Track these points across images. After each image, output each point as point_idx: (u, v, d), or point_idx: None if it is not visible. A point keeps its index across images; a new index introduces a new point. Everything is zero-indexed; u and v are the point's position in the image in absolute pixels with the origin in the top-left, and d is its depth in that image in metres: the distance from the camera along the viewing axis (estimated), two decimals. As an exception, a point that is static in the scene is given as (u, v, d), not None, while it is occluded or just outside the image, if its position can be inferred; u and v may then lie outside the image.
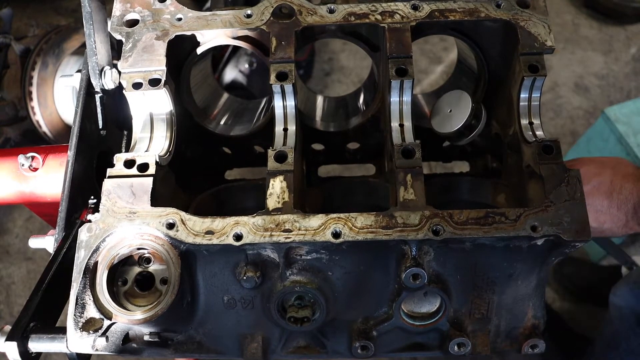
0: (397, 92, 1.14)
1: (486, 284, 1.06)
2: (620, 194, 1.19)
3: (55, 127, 2.66)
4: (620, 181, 1.20)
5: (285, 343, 1.13)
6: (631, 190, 1.19)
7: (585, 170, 1.20)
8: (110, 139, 1.26)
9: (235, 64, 2.82)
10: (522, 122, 1.14)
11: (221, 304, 1.08)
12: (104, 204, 1.04)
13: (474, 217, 0.99)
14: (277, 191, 1.04)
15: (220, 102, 1.47)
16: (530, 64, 1.12)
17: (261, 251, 1.02)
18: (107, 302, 1.00)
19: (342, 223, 1.00)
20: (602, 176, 1.21)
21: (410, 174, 1.05)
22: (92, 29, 1.14)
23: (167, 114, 1.17)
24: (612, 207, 1.20)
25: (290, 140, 1.14)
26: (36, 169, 1.28)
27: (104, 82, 1.17)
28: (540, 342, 1.10)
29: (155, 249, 1.02)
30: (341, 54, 3.70)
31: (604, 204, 1.20)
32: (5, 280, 3.09)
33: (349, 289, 1.07)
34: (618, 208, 1.19)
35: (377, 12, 1.18)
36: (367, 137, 1.39)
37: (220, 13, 1.20)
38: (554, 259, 1.05)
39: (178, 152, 1.19)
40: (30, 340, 0.99)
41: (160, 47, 1.16)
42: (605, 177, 1.21)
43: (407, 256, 1.01)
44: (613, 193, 1.20)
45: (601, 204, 1.20)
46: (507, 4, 1.17)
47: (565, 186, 1.01)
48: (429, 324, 1.08)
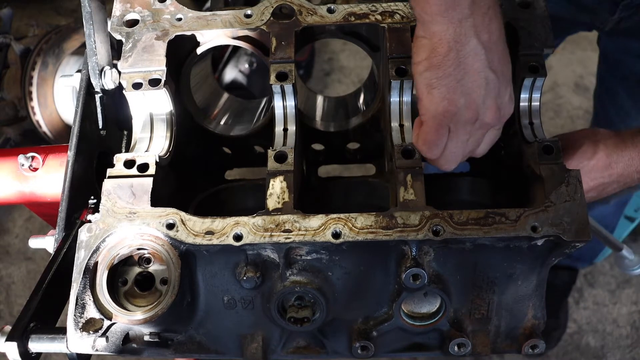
0: (397, 92, 1.14)
1: (486, 284, 1.06)
2: (619, 162, 1.22)
3: (55, 127, 2.66)
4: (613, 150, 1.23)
5: (285, 343, 1.13)
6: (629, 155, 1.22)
7: (582, 152, 1.23)
8: (110, 139, 1.26)
9: (235, 64, 2.82)
10: (522, 122, 1.14)
11: (221, 304, 1.08)
12: (104, 204, 1.04)
13: (474, 217, 0.99)
14: (277, 191, 1.04)
15: (220, 102, 1.47)
16: (530, 64, 1.12)
17: (261, 251, 1.02)
18: (107, 303, 1.00)
19: (342, 223, 1.00)
20: (598, 153, 1.23)
21: (410, 174, 1.05)
22: (92, 29, 1.14)
23: (167, 114, 1.17)
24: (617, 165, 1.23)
25: (290, 141, 1.14)
26: (36, 169, 1.28)
27: (104, 82, 1.17)
28: (541, 343, 1.10)
29: (155, 249, 1.02)
30: (341, 54, 3.70)
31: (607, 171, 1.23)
32: (5, 280, 3.09)
33: (349, 289, 1.07)
34: (623, 167, 1.23)
35: (377, 12, 1.18)
36: (367, 137, 1.38)
37: (220, 13, 1.20)
38: (554, 259, 1.05)
39: (178, 152, 1.19)
40: (30, 341, 0.99)
41: (160, 47, 1.16)
42: (600, 152, 1.23)
43: (407, 256, 1.01)
44: (612, 163, 1.23)
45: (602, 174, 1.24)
46: (507, 4, 1.17)
47: (565, 186, 1.01)
48: (429, 324, 1.08)
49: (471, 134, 1.03)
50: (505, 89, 1.00)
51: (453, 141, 1.03)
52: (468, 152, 1.07)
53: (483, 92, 0.97)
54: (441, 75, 0.96)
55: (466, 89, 0.96)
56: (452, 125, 1.01)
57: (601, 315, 2.92)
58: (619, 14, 1.61)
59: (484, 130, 1.04)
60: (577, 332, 2.88)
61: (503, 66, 0.99)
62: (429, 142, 1.03)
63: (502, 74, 0.99)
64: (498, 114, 1.01)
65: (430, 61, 0.97)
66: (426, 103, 1.00)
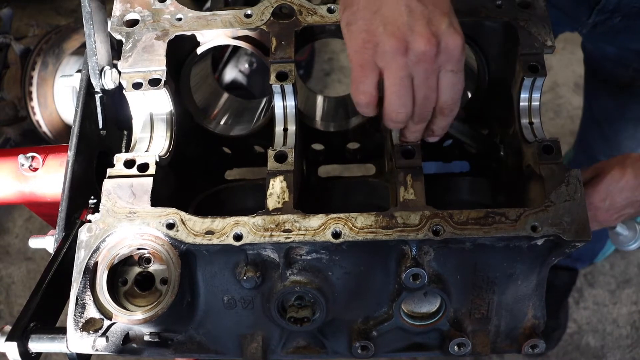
0: (397, 92, 1.14)
1: (486, 284, 1.06)
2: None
3: (55, 127, 2.66)
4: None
5: (285, 343, 1.13)
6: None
7: (610, 177, 1.25)
8: (110, 139, 1.26)
9: (235, 64, 2.82)
10: (522, 122, 1.14)
11: (221, 304, 1.08)
12: (104, 204, 1.04)
13: (474, 217, 0.99)
14: (277, 191, 1.04)
15: (220, 102, 1.47)
16: (530, 64, 1.12)
17: (261, 251, 1.02)
18: (107, 302, 1.00)
19: (342, 223, 1.00)
20: (626, 176, 1.25)
21: (410, 174, 1.05)
22: (92, 29, 1.14)
23: (167, 114, 1.17)
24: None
25: (290, 140, 1.14)
26: (36, 169, 1.28)
27: (104, 82, 1.17)
28: (540, 342, 1.10)
29: (155, 249, 1.02)
30: (341, 54, 3.70)
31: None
32: (5, 280, 3.09)
33: (349, 289, 1.07)
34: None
35: (377, 12, 1.18)
36: (367, 137, 1.39)
37: (220, 13, 1.20)
38: (554, 259, 1.05)
39: (178, 152, 1.19)
40: (30, 341, 0.99)
41: (160, 47, 1.16)
42: (628, 175, 1.25)
43: (407, 256, 1.01)
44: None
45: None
46: (507, 4, 1.17)
47: (565, 186, 1.01)
48: (429, 324, 1.08)
49: (414, 71, 0.94)
50: (440, 17, 0.92)
51: (390, 80, 0.95)
52: (422, 97, 0.97)
53: (406, 19, 0.91)
54: (355, 10, 0.94)
55: (384, 18, 0.91)
56: (379, 60, 0.94)
57: (601, 315, 2.92)
58: (594, 18, 1.62)
59: (427, 66, 0.93)
60: (577, 332, 2.88)
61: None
62: (355, 81, 0.97)
63: (433, 3, 0.92)
64: (434, 41, 0.91)
65: (345, 1, 0.95)
66: (347, 42, 0.95)
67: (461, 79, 0.98)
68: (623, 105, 1.93)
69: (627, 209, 1.29)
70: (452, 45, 0.93)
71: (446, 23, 0.93)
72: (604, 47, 1.82)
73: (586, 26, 1.68)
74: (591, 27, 1.67)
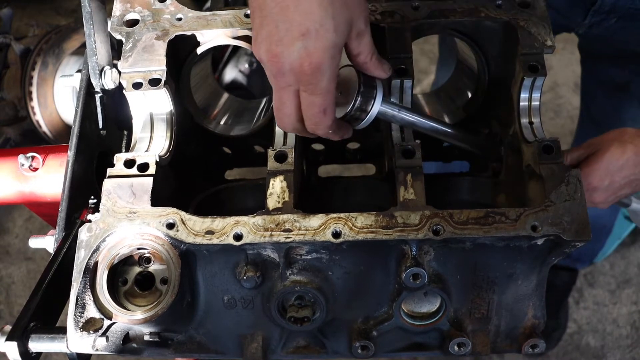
0: (397, 92, 1.14)
1: (486, 284, 1.06)
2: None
3: (55, 127, 2.66)
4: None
5: (285, 343, 1.13)
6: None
7: (610, 154, 1.24)
8: (110, 139, 1.26)
9: (235, 64, 2.82)
10: (522, 121, 1.14)
11: (221, 304, 1.08)
12: (104, 203, 1.04)
13: (474, 217, 0.99)
14: (277, 191, 1.04)
15: (220, 102, 1.47)
16: (530, 63, 1.12)
17: (261, 251, 1.02)
18: (107, 302, 1.00)
19: (342, 223, 1.00)
20: (627, 153, 1.24)
21: (410, 174, 1.05)
22: (92, 29, 1.14)
23: (167, 114, 1.17)
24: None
25: (290, 140, 1.14)
26: (36, 169, 1.28)
27: (104, 82, 1.17)
28: (540, 342, 1.10)
29: (155, 248, 1.02)
30: (341, 54, 3.69)
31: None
32: (5, 280, 3.10)
33: (349, 289, 1.07)
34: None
35: (377, 12, 1.18)
36: (367, 137, 1.39)
37: (220, 13, 1.20)
38: (554, 259, 1.05)
39: (178, 152, 1.19)
40: (31, 340, 0.99)
41: (160, 47, 1.16)
42: (629, 152, 1.25)
43: (407, 256, 1.01)
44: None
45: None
46: (507, 4, 1.17)
47: (565, 186, 1.01)
48: (429, 323, 1.08)
49: (277, 88, 0.95)
50: (294, 37, 0.88)
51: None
52: (284, 115, 0.99)
53: (281, 35, 0.89)
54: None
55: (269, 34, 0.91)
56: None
57: (601, 315, 2.92)
58: (590, 20, 1.63)
59: (275, 83, 0.94)
60: (577, 332, 2.88)
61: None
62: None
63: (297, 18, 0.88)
64: (276, 61, 0.90)
65: None
66: None
67: (318, 101, 0.94)
68: (620, 106, 1.94)
69: (624, 189, 1.27)
70: (296, 67, 0.90)
71: (298, 44, 0.88)
72: (600, 48, 1.83)
73: (582, 27, 1.69)
74: (587, 28, 1.68)
